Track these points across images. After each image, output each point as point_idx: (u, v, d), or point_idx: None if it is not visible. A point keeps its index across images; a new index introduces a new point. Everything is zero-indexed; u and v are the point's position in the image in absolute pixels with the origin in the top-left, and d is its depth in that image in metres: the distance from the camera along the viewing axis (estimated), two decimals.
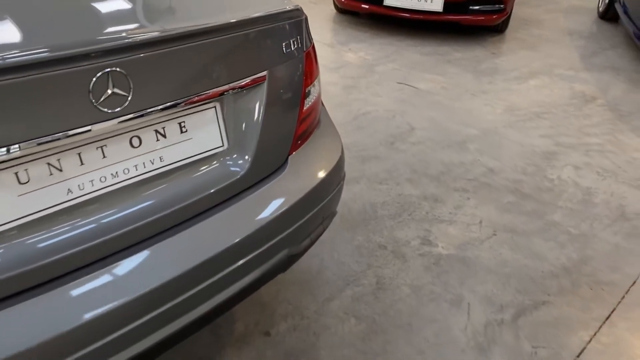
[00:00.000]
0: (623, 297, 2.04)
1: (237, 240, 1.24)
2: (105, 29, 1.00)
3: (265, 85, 1.27)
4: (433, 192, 2.64)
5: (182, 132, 1.16)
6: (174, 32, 1.05)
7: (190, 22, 1.10)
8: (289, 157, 1.45)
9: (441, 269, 2.13)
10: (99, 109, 0.96)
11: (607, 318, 1.94)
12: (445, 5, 4.81)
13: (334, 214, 1.69)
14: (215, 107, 1.21)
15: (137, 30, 1.02)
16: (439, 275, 2.09)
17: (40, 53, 0.88)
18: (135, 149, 1.08)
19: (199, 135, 1.20)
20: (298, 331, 1.80)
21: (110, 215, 1.08)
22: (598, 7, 6.42)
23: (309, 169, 1.49)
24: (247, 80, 1.23)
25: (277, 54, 1.30)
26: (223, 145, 1.25)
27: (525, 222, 2.45)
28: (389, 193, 2.61)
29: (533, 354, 1.77)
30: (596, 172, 2.92)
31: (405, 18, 4.98)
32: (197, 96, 1.13)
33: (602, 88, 4.11)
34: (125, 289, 1.06)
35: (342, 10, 5.62)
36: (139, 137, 1.08)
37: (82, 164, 1.02)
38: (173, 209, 1.15)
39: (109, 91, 0.96)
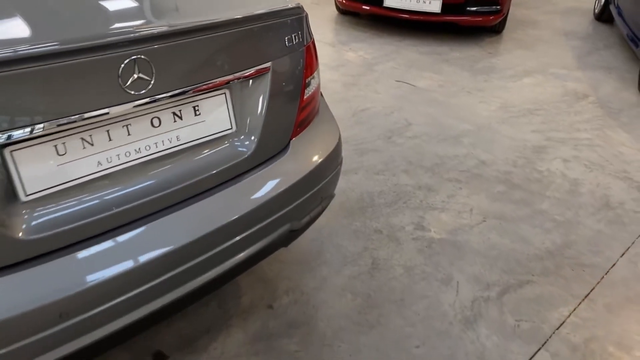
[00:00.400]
0: (602, 277, 2.18)
1: (245, 212, 1.39)
2: (132, 22, 1.16)
3: (269, 76, 1.43)
4: (427, 182, 2.78)
5: (195, 114, 1.31)
6: (190, 25, 1.20)
7: (204, 17, 1.26)
8: (291, 141, 1.60)
9: (433, 251, 2.27)
10: (126, 91, 1.11)
11: (587, 296, 2.08)
12: (443, 6, 4.96)
13: (332, 196, 1.84)
14: (225, 93, 1.37)
15: (159, 23, 1.18)
16: (431, 257, 2.24)
17: (80, 42, 1.04)
18: (156, 129, 1.24)
19: (211, 118, 1.35)
20: (298, 305, 1.95)
21: (132, 186, 1.23)
22: (594, 9, 6.56)
23: (308, 153, 1.64)
24: (253, 70, 1.39)
25: (279, 47, 1.45)
26: (232, 128, 1.40)
27: (513, 209, 2.60)
28: (385, 183, 2.76)
29: (516, 327, 1.91)
30: (584, 164, 3.06)
31: (405, 19, 5.13)
32: (209, 83, 1.28)
33: (594, 86, 4.25)
34: (146, 251, 1.22)
35: (343, 11, 5.77)
36: (159, 118, 1.24)
37: (110, 139, 1.17)
38: (188, 182, 1.30)
39: (135, 75, 1.12)
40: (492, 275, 2.15)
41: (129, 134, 1.20)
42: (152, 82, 1.15)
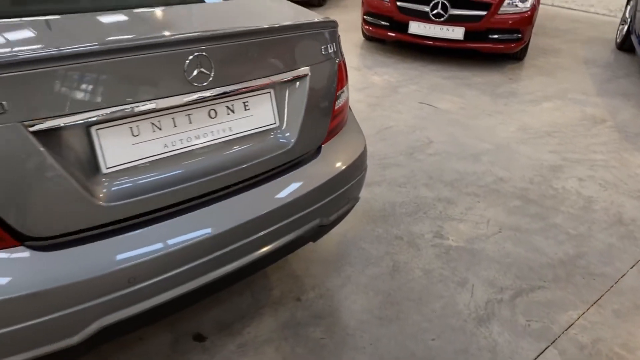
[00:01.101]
0: (612, 286, 2.30)
1: (283, 204, 1.59)
2: (197, 23, 1.41)
3: (307, 80, 1.64)
4: (447, 195, 2.95)
5: (245, 109, 1.53)
6: (245, 29, 1.45)
7: (255, 23, 1.50)
8: (322, 146, 1.81)
9: (450, 257, 2.43)
10: (190, 82, 1.34)
11: (596, 302, 2.20)
12: (466, 33, 5.18)
13: (357, 199, 2.03)
14: (270, 92, 1.58)
15: (219, 26, 1.43)
16: (448, 262, 2.40)
17: (155, 39, 1.28)
18: (212, 119, 1.46)
19: (258, 113, 1.56)
20: (324, 299, 2.13)
21: (192, 167, 1.43)
22: (616, 38, 6.70)
23: (337, 157, 1.84)
24: (295, 73, 1.61)
25: (317, 55, 1.67)
26: (275, 123, 1.61)
27: (528, 222, 2.74)
28: (407, 195, 2.93)
29: (527, 326, 2.05)
30: (599, 183, 3.19)
31: (429, 45, 5.36)
32: (257, 82, 1.50)
33: (612, 112, 4.38)
34: (201, 231, 1.42)
35: (369, 37, 6.03)
36: (215, 110, 1.45)
37: (175, 126, 1.38)
38: (238, 167, 1.51)
39: (197, 70, 1.34)
40: (505, 280, 2.30)
41: (190, 122, 1.41)
42: (211, 76, 1.37)
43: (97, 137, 1.25)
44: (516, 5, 5.22)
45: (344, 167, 1.83)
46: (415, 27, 5.28)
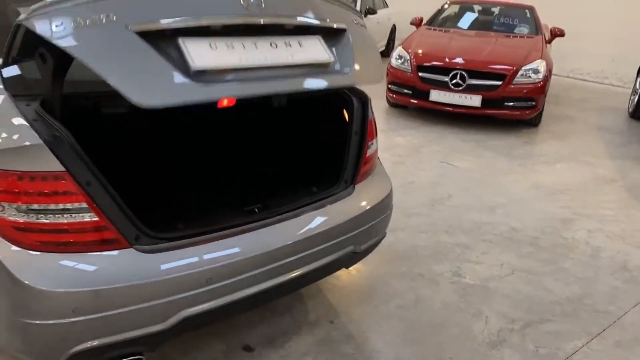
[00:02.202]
0: (614, 321, 2.55)
1: (324, 229, 1.96)
2: None
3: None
4: (464, 241, 3.26)
5: (300, 46, 1.77)
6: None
7: None
8: (356, 185, 2.19)
9: (467, 293, 2.72)
10: (246, 9, 1.61)
11: (599, 334, 2.45)
12: (483, 101, 5.64)
13: (384, 234, 2.38)
14: (319, 38, 1.83)
15: None
16: (465, 296, 2.69)
17: None
18: (274, 49, 1.70)
19: (313, 50, 1.80)
20: (354, 323, 2.43)
21: (260, 78, 1.65)
22: (628, 107, 7.08)
23: (368, 195, 2.21)
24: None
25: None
26: (330, 59, 1.82)
27: (539, 266, 3.02)
28: (428, 240, 3.26)
29: (535, 351, 2.31)
30: (606, 235, 3.46)
31: (449, 111, 5.82)
32: (305, 24, 1.79)
33: (622, 173, 4.69)
34: (261, 248, 1.79)
35: (393, 104, 6.54)
36: (275, 44, 1.71)
37: (244, 48, 1.63)
38: (297, 88, 1.78)
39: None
40: (517, 313, 2.57)
41: (256, 48, 1.65)
42: (262, 5, 1.64)
43: (183, 44, 1.49)
44: (529, 76, 5.69)
45: (373, 204, 2.20)
46: (436, 95, 5.77)
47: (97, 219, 1.54)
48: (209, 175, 2.55)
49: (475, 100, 5.65)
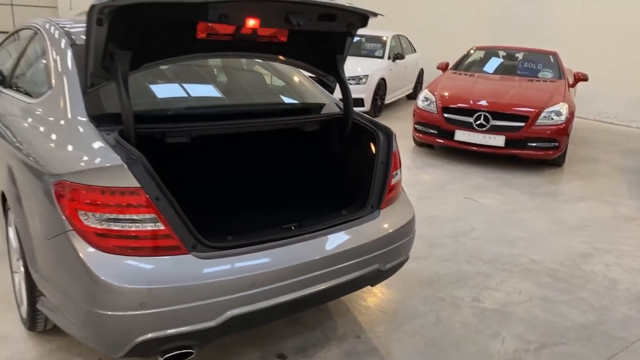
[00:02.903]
0: (627, 347, 2.69)
1: (353, 246, 2.22)
2: None
3: None
4: (485, 270, 3.45)
5: None
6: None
7: None
8: (381, 210, 2.44)
9: (485, 316, 2.90)
10: None
11: (610, 358, 2.59)
12: (507, 141, 5.86)
13: (407, 256, 2.62)
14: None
15: None
16: (484, 319, 2.87)
17: None
18: None
19: None
20: (379, 338, 2.64)
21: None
22: None
23: (393, 219, 2.47)
24: None
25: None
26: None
27: (556, 295, 3.18)
28: (450, 268, 3.46)
29: None
30: (624, 269, 3.59)
31: (473, 150, 6.05)
32: None
33: None
34: (298, 260, 2.05)
35: (419, 143, 6.81)
36: None
37: None
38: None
39: None
40: (532, 336, 2.73)
41: None
42: None
43: None
44: (552, 118, 5.90)
45: (397, 227, 2.45)
46: (461, 135, 6.03)
47: (163, 228, 1.84)
48: (253, 196, 2.86)
49: (498, 140, 5.87)
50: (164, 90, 2.69)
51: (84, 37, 2.51)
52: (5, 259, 2.93)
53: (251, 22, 1.98)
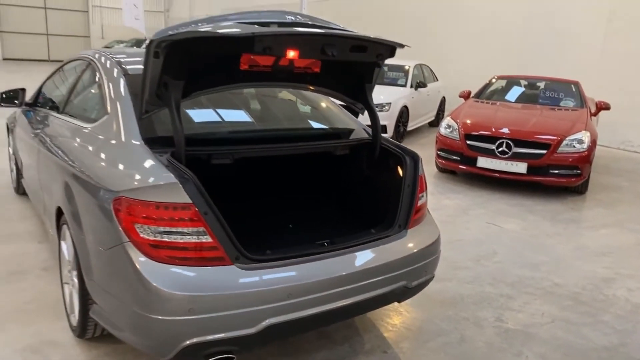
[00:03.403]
0: None
1: (381, 263, 2.36)
2: None
3: None
4: (508, 292, 3.54)
5: None
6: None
7: None
8: (408, 229, 2.59)
9: (508, 336, 2.99)
10: None
11: None
12: (529, 168, 5.95)
13: (433, 275, 2.74)
14: None
15: None
16: (507, 339, 2.95)
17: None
18: None
19: None
20: (405, 354, 2.75)
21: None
22: None
23: (419, 238, 2.61)
24: None
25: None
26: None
27: (578, 317, 3.25)
28: (473, 289, 3.55)
29: None
30: None
31: (495, 177, 6.16)
32: None
33: None
34: (330, 274, 2.21)
35: (442, 169, 6.94)
36: None
37: None
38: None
39: None
40: (555, 356, 2.81)
41: None
42: None
43: None
44: (574, 146, 5.99)
45: (423, 246, 2.59)
46: (483, 162, 6.15)
47: (210, 240, 2.02)
48: (288, 213, 3.04)
49: (520, 167, 5.97)
50: (208, 116, 2.91)
51: (134, 66, 2.78)
52: (52, 272, 3.14)
53: (291, 54, 2.18)
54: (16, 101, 4.15)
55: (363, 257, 2.35)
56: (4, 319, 2.83)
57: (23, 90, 4.18)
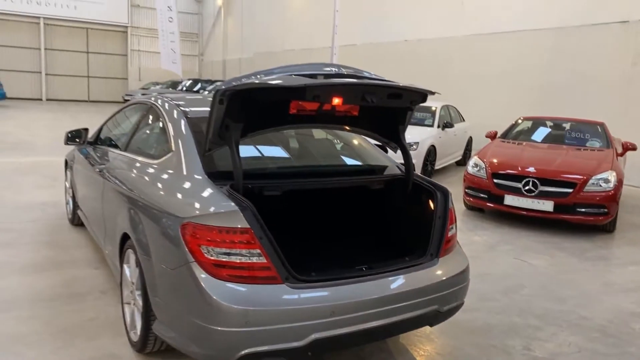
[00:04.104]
0: None
1: (416, 287, 2.59)
2: None
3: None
4: (536, 324, 3.68)
5: None
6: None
7: None
8: (439, 258, 2.82)
9: None
10: None
11: None
12: (555, 206, 6.10)
13: (463, 301, 2.95)
14: None
15: None
16: None
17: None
18: None
19: None
20: None
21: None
22: None
23: (449, 266, 2.83)
24: None
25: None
26: None
27: (605, 348, 3.37)
28: (501, 320, 3.71)
29: None
30: None
31: (523, 214, 6.31)
32: None
33: None
34: (368, 295, 2.45)
35: (470, 207, 7.12)
36: None
37: None
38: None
39: None
40: None
41: None
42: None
43: None
44: (600, 185, 6.13)
45: (453, 274, 2.81)
46: (510, 200, 6.32)
47: (265, 261, 2.30)
48: (333, 241, 3.31)
49: (547, 206, 6.12)
50: (259, 153, 3.25)
51: (192, 109, 3.15)
52: (109, 294, 3.44)
53: (335, 101, 2.50)
54: (78, 140, 4.59)
55: (398, 282, 2.59)
56: (71, 334, 3.13)
57: (86, 130, 4.62)
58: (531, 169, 6.34)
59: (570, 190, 6.09)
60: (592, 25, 10.62)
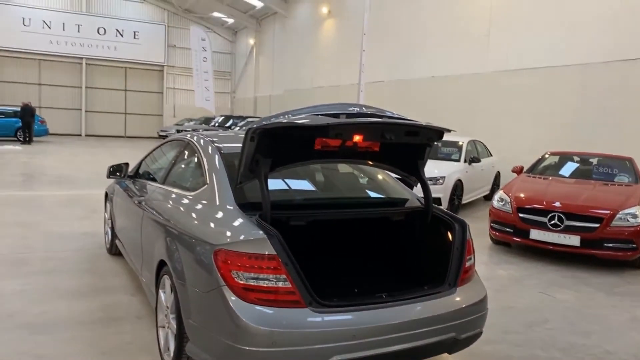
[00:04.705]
0: None
1: (434, 314, 2.71)
2: None
3: None
4: (558, 357, 3.70)
5: None
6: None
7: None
8: (457, 287, 2.94)
9: None
10: None
11: None
12: (582, 241, 6.09)
13: (481, 330, 3.04)
14: None
15: None
16: None
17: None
18: None
19: None
20: None
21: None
22: None
23: (467, 295, 2.95)
24: None
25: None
26: None
27: None
28: (523, 352, 3.75)
29: None
30: None
31: (549, 249, 6.31)
32: None
33: None
34: (386, 321, 2.59)
35: (496, 241, 7.15)
36: None
37: None
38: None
39: None
40: None
41: None
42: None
43: None
44: (628, 220, 6.10)
45: (470, 303, 2.92)
46: (536, 234, 6.34)
47: (290, 286, 2.48)
48: (355, 268, 3.46)
49: (574, 240, 6.12)
50: (288, 185, 3.47)
51: (225, 145, 3.40)
52: (145, 319, 3.65)
53: (356, 138, 2.71)
54: (119, 173, 4.92)
55: (417, 309, 2.72)
56: (112, 355, 3.34)
57: (126, 164, 4.95)
58: (557, 204, 6.37)
59: (597, 225, 6.08)
60: (621, 61, 10.66)
